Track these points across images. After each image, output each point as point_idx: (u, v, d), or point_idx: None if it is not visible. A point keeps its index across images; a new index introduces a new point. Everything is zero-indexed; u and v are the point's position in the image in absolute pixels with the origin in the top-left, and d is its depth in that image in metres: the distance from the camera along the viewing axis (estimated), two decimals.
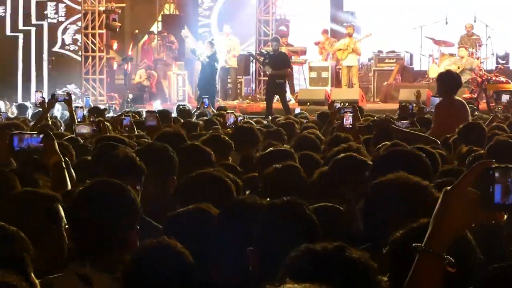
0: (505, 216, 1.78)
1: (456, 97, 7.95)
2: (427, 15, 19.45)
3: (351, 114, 7.48)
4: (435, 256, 1.81)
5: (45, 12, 20.07)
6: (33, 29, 19.97)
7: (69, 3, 20.08)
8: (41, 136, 3.90)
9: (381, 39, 19.59)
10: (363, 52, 18.88)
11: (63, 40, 20.07)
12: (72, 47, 20.05)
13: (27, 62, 20.00)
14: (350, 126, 7.19)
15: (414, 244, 1.83)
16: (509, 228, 2.71)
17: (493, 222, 1.79)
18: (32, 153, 3.92)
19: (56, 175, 3.75)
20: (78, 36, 20.04)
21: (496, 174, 1.75)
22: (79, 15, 19.89)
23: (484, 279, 2.21)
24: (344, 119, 7.33)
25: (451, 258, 1.81)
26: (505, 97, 13.45)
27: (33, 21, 20.01)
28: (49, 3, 20.05)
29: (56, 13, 20.16)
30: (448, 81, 7.79)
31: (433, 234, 1.83)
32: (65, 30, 20.13)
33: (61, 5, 20.17)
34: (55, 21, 20.10)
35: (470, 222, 1.81)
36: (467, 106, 8.02)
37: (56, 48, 20.01)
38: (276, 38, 16.76)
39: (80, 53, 19.94)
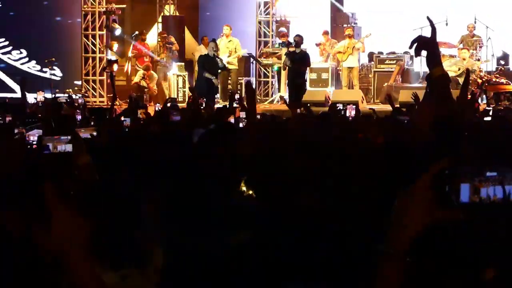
0: (461, 215, 1.78)
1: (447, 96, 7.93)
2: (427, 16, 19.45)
3: (354, 107, 7.68)
4: (396, 257, 1.82)
5: None
6: None
7: None
8: (69, 137, 3.89)
9: (381, 40, 19.62)
10: (363, 54, 18.94)
11: None
12: None
13: None
14: (352, 117, 7.36)
15: (375, 246, 1.84)
16: None
17: (451, 221, 1.80)
18: (61, 154, 3.90)
19: (85, 175, 3.71)
20: None
21: (461, 174, 1.77)
22: None
23: None
24: (347, 111, 7.50)
25: (411, 259, 1.81)
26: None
27: None
28: None
29: None
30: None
31: (393, 235, 1.83)
32: None
33: None
34: None
35: (429, 222, 1.81)
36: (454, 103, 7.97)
37: None
38: (299, 35, 16.86)
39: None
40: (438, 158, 1.82)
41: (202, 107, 12.05)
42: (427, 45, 3.35)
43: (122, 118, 7.85)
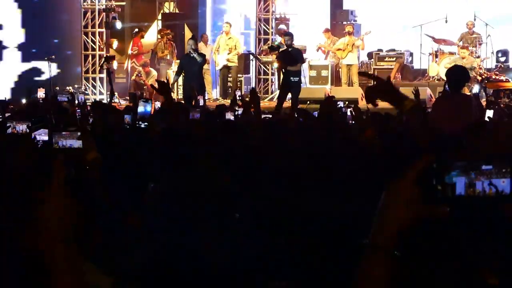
0: (447, 211, 1.79)
1: (464, 93, 7.95)
2: (427, 13, 19.50)
3: (351, 110, 7.60)
4: (382, 251, 1.81)
5: None
6: None
7: None
8: (79, 133, 3.90)
9: (381, 38, 19.62)
10: (362, 51, 18.93)
11: None
12: None
13: None
14: (351, 122, 7.29)
15: (361, 241, 1.84)
16: None
17: (437, 216, 1.80)
18: (70, 150, 3.89)
19: (94, 171, 3.70)
20: None
21: (456, 167, 1.78)
22: None
23: None
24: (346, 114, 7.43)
25: (398, 253, 1.81)
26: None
27: None
28: None
29: None
30: (453, 76, 7.73)
31: (379, 229, 1.83)
32: None
33: None
34: None
35: (415, 216, 1.81)
36: (471, 102, 7.95)
37: None
38: (290, 33, 16.35)
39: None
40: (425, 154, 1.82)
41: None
42: (378, 92, 3.28)
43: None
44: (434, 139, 3.32)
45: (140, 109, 7.08)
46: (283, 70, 15.30)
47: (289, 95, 15.13)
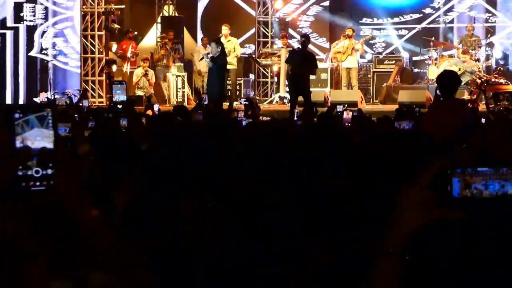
0: (462, 215, 1.79)
1: (457, 97, 7.94)
2: (426, 16, 19.52)
3: (351, 112, 7.60)
4: (392, 256, 1.82)
5: (21, 14, 20.34)
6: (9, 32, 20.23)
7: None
8: (70, 125, 3.89)
9: (380, 41, 19.63)
10: (363, 53, 18.94)
11: (40, 44, 20.41)
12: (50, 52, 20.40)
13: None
14: (349, 124, 7.28)
15: (372, 245, 1.84)
16: None
17: (451, 220, 1.81)
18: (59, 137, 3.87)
19: (85, 164, 3.68)
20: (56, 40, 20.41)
21: (454, 170, 1.78)
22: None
23: None
24: (345, 113, 7.41)
25: (409, 258, 1.83)
26: None
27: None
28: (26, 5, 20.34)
29: (34, 15, 20.52)
30: (445, 81, 7.75)
31: (390, 234, 1.85)
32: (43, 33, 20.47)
33: (38, 7, 20.48)
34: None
35: (426, 221, 1.82)
36: (465, 107, 7.97)
37: (33, 53, 20.28)
38: (306, 35, 15.83)
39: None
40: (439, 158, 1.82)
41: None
42: None
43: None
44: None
45: (117, 96, 7.26)
46: (295, 73, 14.63)
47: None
